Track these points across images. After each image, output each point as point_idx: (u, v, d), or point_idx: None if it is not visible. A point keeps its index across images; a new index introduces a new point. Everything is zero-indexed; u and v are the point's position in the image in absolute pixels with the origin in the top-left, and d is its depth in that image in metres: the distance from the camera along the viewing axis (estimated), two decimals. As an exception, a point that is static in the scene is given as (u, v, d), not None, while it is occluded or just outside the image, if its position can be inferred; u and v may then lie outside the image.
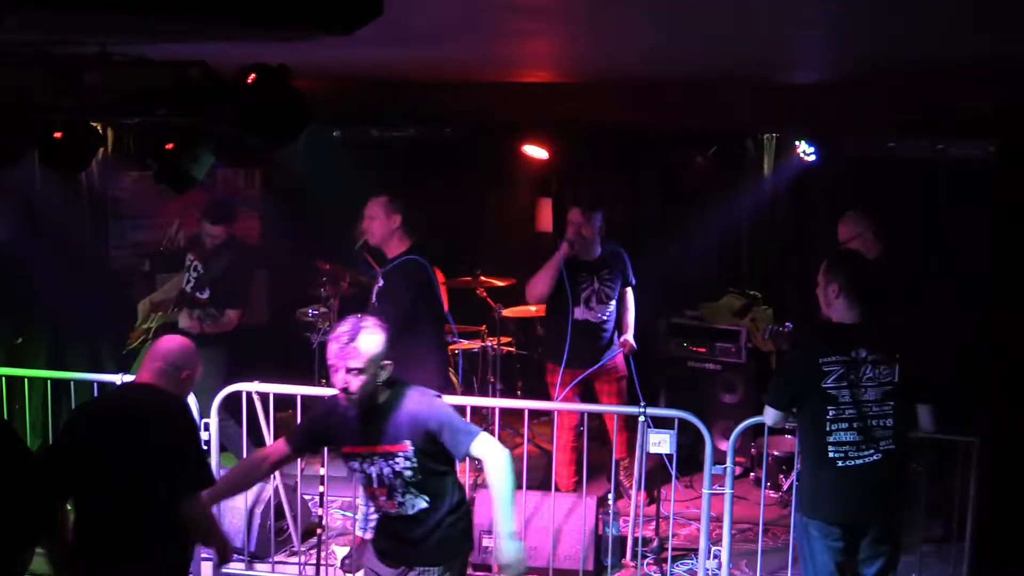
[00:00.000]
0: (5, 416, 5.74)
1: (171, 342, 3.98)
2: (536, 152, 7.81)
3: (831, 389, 4.04)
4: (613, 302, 6.38)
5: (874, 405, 4.07)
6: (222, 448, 5.50)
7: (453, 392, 6.44)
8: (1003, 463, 5.13)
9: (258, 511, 5.58)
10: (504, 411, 6.46)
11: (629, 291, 6.52)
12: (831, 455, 4.06)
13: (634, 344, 6.46)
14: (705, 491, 5.12)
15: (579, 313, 6.26)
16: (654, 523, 5.76)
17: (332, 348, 3.70)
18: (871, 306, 4.16)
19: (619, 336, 6.45)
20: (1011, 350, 5.66)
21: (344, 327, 3.72)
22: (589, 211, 6.27)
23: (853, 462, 4.06)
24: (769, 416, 4.27)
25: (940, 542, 5.44)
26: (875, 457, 4.07)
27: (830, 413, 4.04)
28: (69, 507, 3.83)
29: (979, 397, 5.44)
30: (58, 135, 4.47)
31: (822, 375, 4.04)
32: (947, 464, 5.10)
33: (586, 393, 6.40)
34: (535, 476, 6.24)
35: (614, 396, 6.37)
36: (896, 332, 4.22)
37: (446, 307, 7.56)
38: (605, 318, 6.36)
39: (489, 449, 3.70)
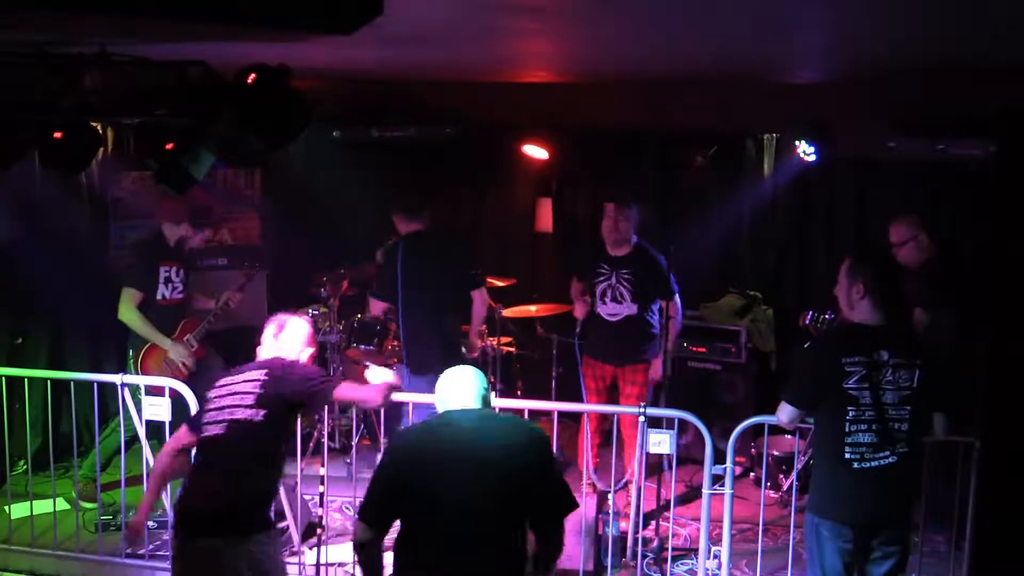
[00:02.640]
0: (5, 416, 5.75)
1: None
2: (536, 152, 7.80)
3: (852, 390, 4.01)
4: (628, 306, 6.19)
5: (891, 408, 4.05)
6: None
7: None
8: (1003, 463, 5.13)
9: (258, 511, 5.57)
10: (503, 411, 6.44)
11: (678, 304, 6.25)
12: (847, 456, 4.04)
13: (660, 376, 6.10)
14: (705, 491, 5.12)
15: (596, 306, 6.27)
16: (654, 523, 5.76)
17: None
18: (895, 308, 4.15)
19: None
20: (1011, 350, 5.66)
21: None
22: (625, 207, 6.19)
23: (869, 464, 4.04)
24: (785, 413, 4.22)
25: (940, 542, 5.44)
26: (891, 459, 4.05)
27: (850, 414, 4.02)
28: None
29: (979, 398, 5.44)
30: (58, 135, 4.47)
31: (844, 375, 4.01)
32: (947, 464, 5.09)
33: (611, 389, 6.36)
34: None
35: (632, 399, 6.30)
36: (919, 336, 4.20)
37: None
38: (619, 319, 6.22)
39: None
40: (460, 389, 3.73)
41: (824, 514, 4.13)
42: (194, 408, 5.31)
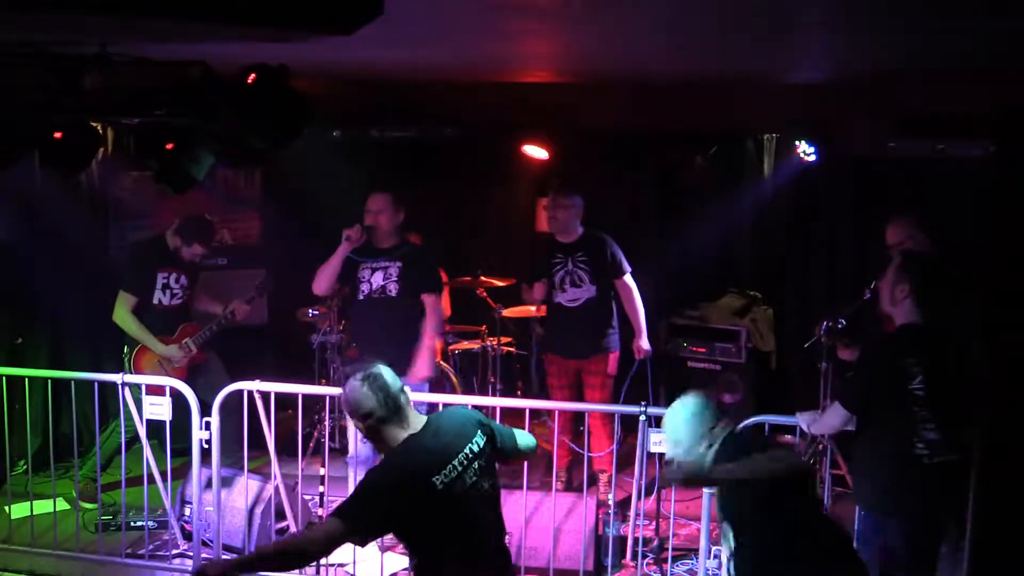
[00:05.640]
0: (5, 416, 5.74)
1: None
2: (536, 152, 7.80)
3: (917, 390, 4.06)
4: (588, 287, 6.33)
5: (950, 406, 4.10)
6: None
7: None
8: (1003, 464, 5.13)
9: (258, 511, 5.57)
10: (504, 411, 6.46)
11: (631, 285, 6.41)
12: (918, 452, 4.08)
13: (648, 348, 6.42)
14: (705, 491, 5.11)
15: (556, 296, 6.36)
16: (654, 523, 5.76)
17: None
18: (937, 309, 4.17)
19: (633, 338, 6.42)
20: (1011, 350, 5.66)
21: None
22: (562, 196, 6.36)
23: (937, 459, 4.08)
24: (838, 418, 4.25)
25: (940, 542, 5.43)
26: (954, 457, 4.11)
27: (917, 414, 4.07)
28: None
29: (979, 398, 5.44)
30: (58, 135, 4.47)
31: (908, 376, 4.06)
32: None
33: (576, 384, 6.42)
34: (535, 476, 6.25)
35: (597, 390, 6.37)
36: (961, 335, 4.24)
37: (448, 312, 7.71)
38: (579, 303, 6.34)
39: None
40: None
41: (892, 511, 4.16)
42: (195, 408, 5.31)
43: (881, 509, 4.20)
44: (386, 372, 3.54)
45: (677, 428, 3.73)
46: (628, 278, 6.42)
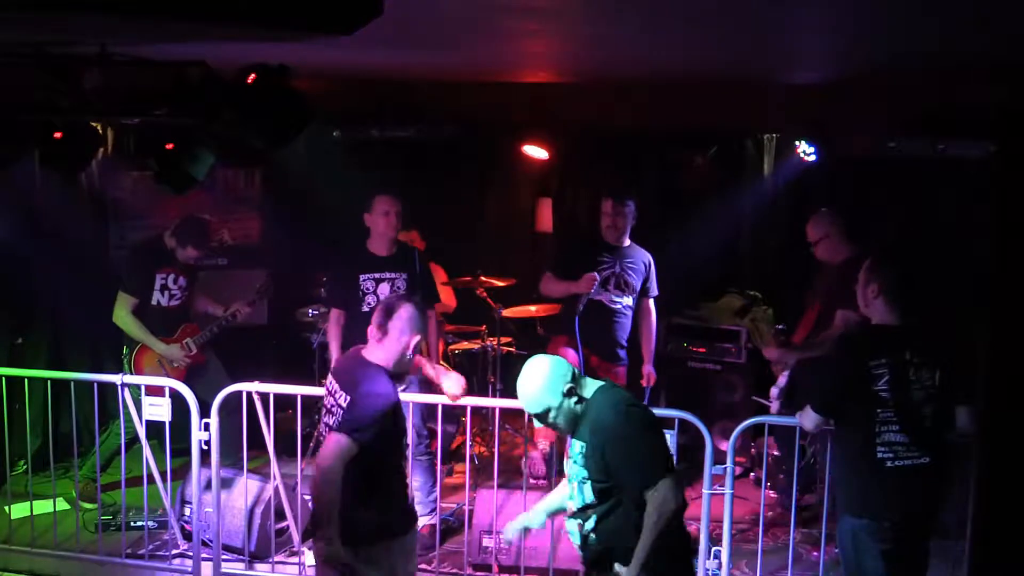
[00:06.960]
0: (5, 416, 5.75)
1: None
2: (536, 152, 7.81)
3: (881, 391, 4.03)
4: (631, 294, 6.37)
5: (919, 408, 4.07)
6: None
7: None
8: (1003, 462, 5.12)
9: (258, 511, 5.57)
10: (504, 411, 6.46)
11: (652, 310, 6.50)
12: (880, 455, 4.05)
13: (655, 374, 6.50)
14: (705, 491, 5.11)
15: (596, 294, 6.31)
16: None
17: None
18: (910, 308, 4.15)
19: (642, 362, 6.48)
20: (1011, 350, 5.66)
21: None
22: (620, 204, 6.34)
23: (903, 462, 4.05)
24: (810, 420, 4.23)
25: (939, 541, 5.42)
26: (923, 460, 4.07)
27: (879, 415, 4.03)
28: None
29: (979, 396, 5.44)
30: (58, 135, 4.47)
31: (872, 378, 4.03)
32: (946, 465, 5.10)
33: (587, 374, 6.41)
34: (535, 475, 6.26)
35: None
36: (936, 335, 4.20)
37: (453, 303, 7.70)
38: (619, 306, 6.36)
39: None
40: None
41: (861, 512, 4.13)
42: (194, 409, 5.31)
43: (851, 511, 4.18)
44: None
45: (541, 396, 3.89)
46: (652, 302, 6.49)
